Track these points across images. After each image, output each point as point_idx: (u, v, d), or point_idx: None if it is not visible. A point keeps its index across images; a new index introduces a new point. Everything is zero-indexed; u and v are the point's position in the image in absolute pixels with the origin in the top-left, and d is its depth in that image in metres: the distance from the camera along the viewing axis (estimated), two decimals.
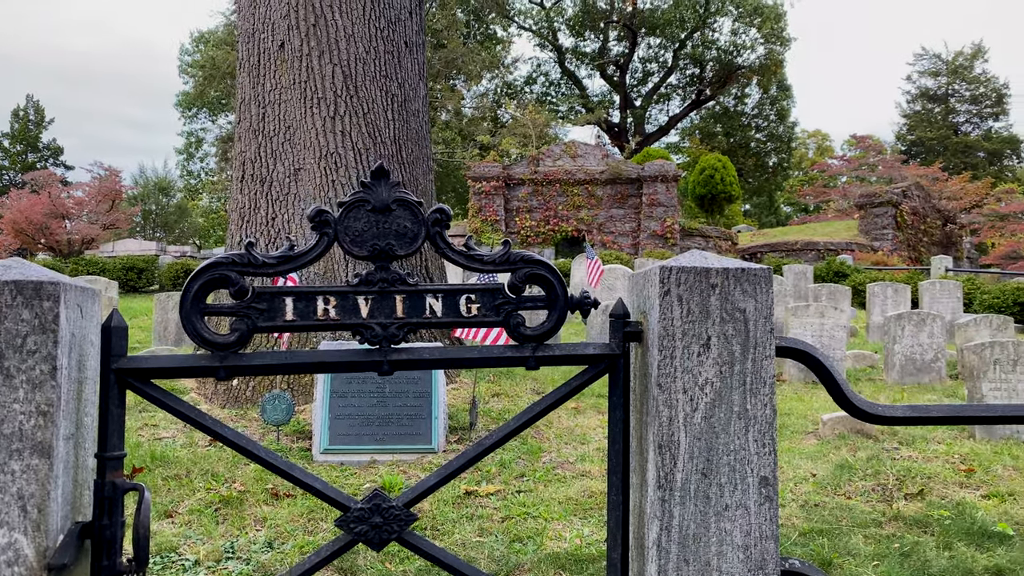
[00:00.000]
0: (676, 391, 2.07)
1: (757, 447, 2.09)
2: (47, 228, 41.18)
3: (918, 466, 4.81)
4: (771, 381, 2.10)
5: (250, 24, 6.79)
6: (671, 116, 55.69)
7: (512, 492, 4.28)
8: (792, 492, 4.44)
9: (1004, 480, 4.63)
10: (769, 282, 2.14)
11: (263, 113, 6.64)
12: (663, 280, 2.08)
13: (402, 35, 6.97)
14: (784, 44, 50.65)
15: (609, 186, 24.05)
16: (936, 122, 50.24)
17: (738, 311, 2.11)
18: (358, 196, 2.06)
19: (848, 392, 2.25)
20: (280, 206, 6.50)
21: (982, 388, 5.63)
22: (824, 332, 7.94)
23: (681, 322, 2.08)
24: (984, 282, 13.85)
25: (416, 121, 7.08)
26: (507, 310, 2.10)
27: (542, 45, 55.02)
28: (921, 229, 27.21)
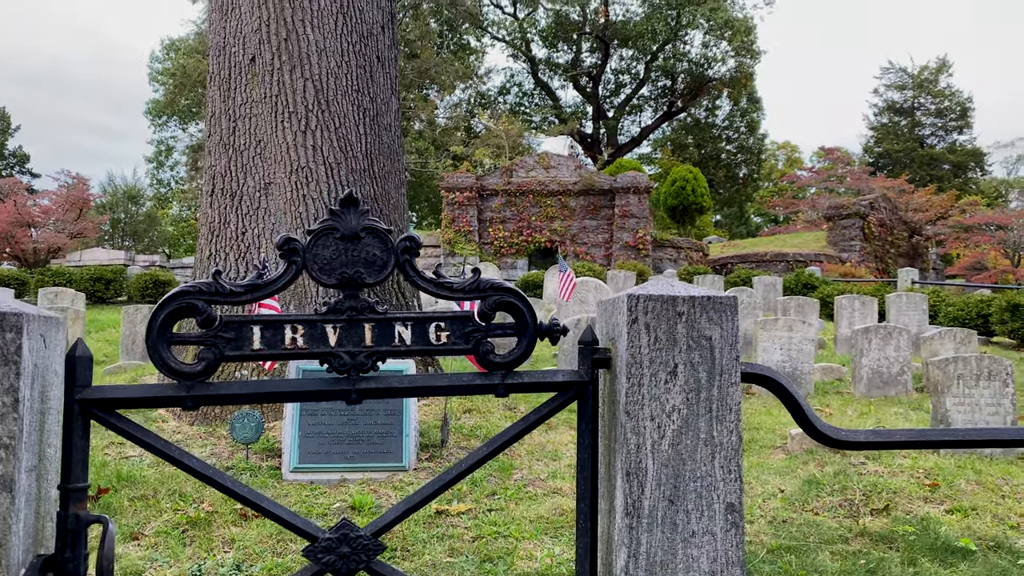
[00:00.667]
0: (644, 418, 2.09)
1: (723, 473, 2.12)
2: (12, 237, 40.52)
3: (884, 481, 4.87)
4: (737, 408, 2.14)
5: (221, 38, 6.75)
6: (643, 127, 56.10)
7: (483, 511, 4.28)
8: (761, 508, 4.48)
9: (967, 495, 4.71)
10: (734, 310, 2.17)
11: (234, 127, 6.60)
12: (631, 308, 2.11)
13: (374, 49, 6.97)
14: (754, 57, 51.15)
15: (582, 197, 24.17)
16: (903, 135, 51.11)
17: (704, 339, 2.13)
18: (327, 224, 2.06)
19: (812, 417, 2.29)
20: (250, 221, 6.46)
21: (946, 403, 5.72)
22: (793, 346, 8.03)
23: (648, 350, 2.10)
24: (949, 294, 14.10)
25: (388, 135, 7.08)
26: (476, 338, 2.12)
27: (515, 56, 55.18)
28: (888, 240, 27.62)
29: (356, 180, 6.60)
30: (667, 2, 49.91)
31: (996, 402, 5.75)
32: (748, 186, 57.93)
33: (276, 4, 6.50)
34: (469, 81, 45.79)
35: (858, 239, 25.98)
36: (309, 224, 6.37)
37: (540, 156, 24.72)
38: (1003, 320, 11.46)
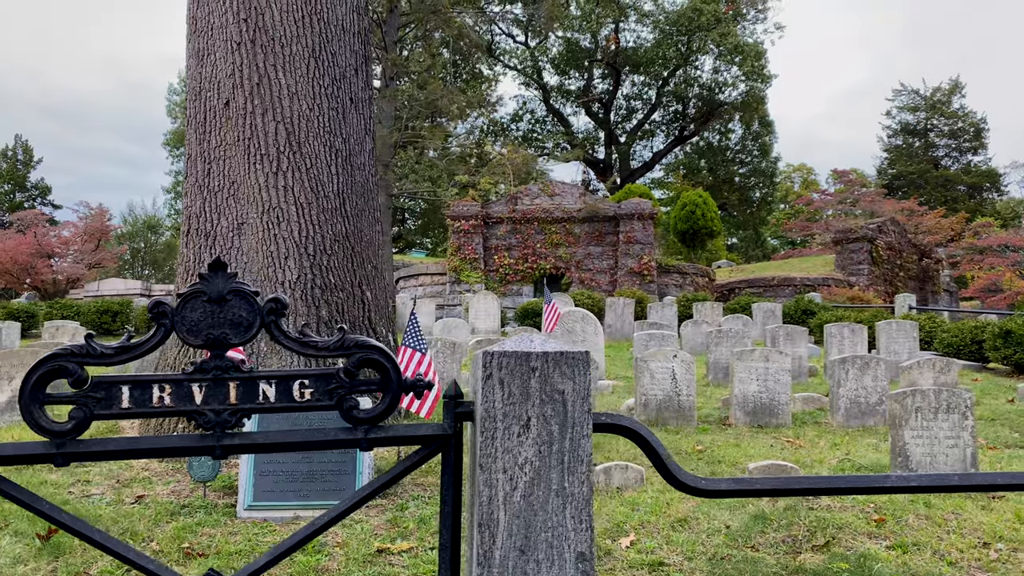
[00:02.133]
0: (496, 471, 2.18)
1: (574, 523, 2.20)
2: (33, 268, 41.28)
3: (831, 515, 4.90)
4: (588, 459, 2.23)
5: (197, 83, 6.97)
6: (655, 152, 56.37)
7: (426, 549, 4.36)
8: (703, 544, 4.52)
9: (913, 530, 4.73)
10: (587, 365, 2.27)
11: (208, 169, 6.80)
12: (485, 365, 2.21)
13: (347, 92, 7.16)
14: (765, 81, 51.34)
15: (587, 224, 24.29)
16: (916, 156, 50.92)
17: (557, 392, 2.23)
18: (195, 288, 2.19)
19: (671, 467, 2.37)
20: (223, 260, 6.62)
21: (904, 436, 5.74)
22: (769, 376, 8.06)
23: (502, 404, 2.20)
24: (944, 321, 14.03)
25: (362, 174, 7.25)
26: (340, 394, 2.22)
27: (527, 83, 55.74)
28: (897, 264, 27.47)
29: (327, 219, 6.76)
30: (677, 28, 50.28)
31: (955, 435, 5.76)
32: (762, 209, 57.86)
33: (249, 50, 6.71)
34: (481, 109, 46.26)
35: (866, 263, 25.87)
36: (281, 263, 6.53)
37: (545, 184, 24.92)
38: (996, 347, 11.40)
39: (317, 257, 6.64)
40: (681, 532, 4.71)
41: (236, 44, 6.73)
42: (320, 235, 6.69)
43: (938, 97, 50.52)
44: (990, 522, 4.86)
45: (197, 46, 7.00)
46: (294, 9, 6.84)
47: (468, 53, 48.07)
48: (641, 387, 7.96)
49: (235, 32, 6.74)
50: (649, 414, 7.90)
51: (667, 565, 4.24)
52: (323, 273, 6.64)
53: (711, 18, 48.90)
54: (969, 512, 5.05)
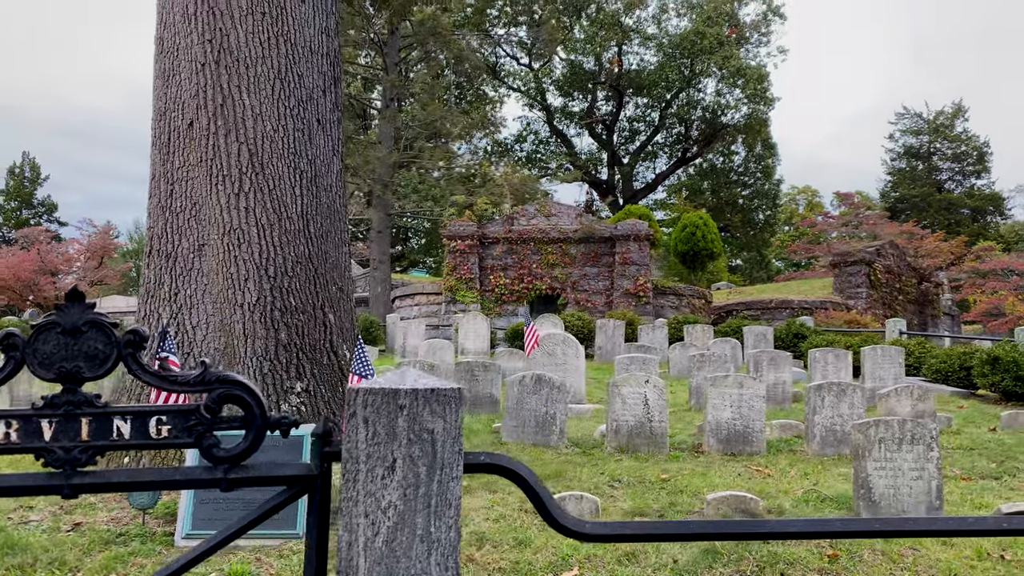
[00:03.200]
0: (357, 515, 2.09)
1: (439, 571, 2.11)
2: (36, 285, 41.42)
3: (784, 550, 4.77)
4: (457, 503, 2.13)
5: (162, 103, 6.94)
6: (658, 173, 56.40)
7: None
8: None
9: (867, 566, 4.60)
10: (459, 402, 2.17)
11: (171, 190, 6.75)
12: (349, 403, 2.12)
13: (314, 113, 7.12)
14: (768, 104, 51.36)
15: (583, 245, 24.23)
16: (919, 180, 50.81)
17: (426, 432, 2.13)
18: (49, 319, 2.10)
19: (551, 509, 2.27)
20: (183, 281, 6.57)
21: (867, 467, 5.61)
22: (743, 402, 7.93)
23: (366, 444, 2.11)
24: (934, 346, 13.86)
25: (328, 196, 7.19)
26: (199, 431, 2.13)
27: (531, 105, 55.93)
28: (896, 287, 27.30)
29: (290, 241, 6.70)
30: (680, 51, 50.46)
31: (920, 466, 5.63)
32: (765, 231, 57.72)
33: (213, 71, 6.68)
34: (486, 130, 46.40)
35: (864, 286, 25.71)
36: (241, 285, 6.47)
37: (541, 204, 24.91)
38: (984, 373, 11.23)
39: (278, 279, 6.57)
40: (627, 566, 4.59)
41: (201, 65, 6.71)
42: (282, 257, 6.63)
43: (941, 121, 50.48)
44: (948, 559, 4.72)
45: (163, 66, 6.97)
46: (260, 31, 6.82)
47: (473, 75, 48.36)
48: (613, 413, 7.85)
49: (200, 53, 6.71)
50: (620, 440, 7.77)
51: None
52: (283, 295, 6.57)
53: (713, 41, 49.06)
54: (928, 548, 4.91)
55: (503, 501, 5.79)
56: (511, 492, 6.01)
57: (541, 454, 7.28)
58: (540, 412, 7.80)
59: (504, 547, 4.82)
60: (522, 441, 7.70)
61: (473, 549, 4.77)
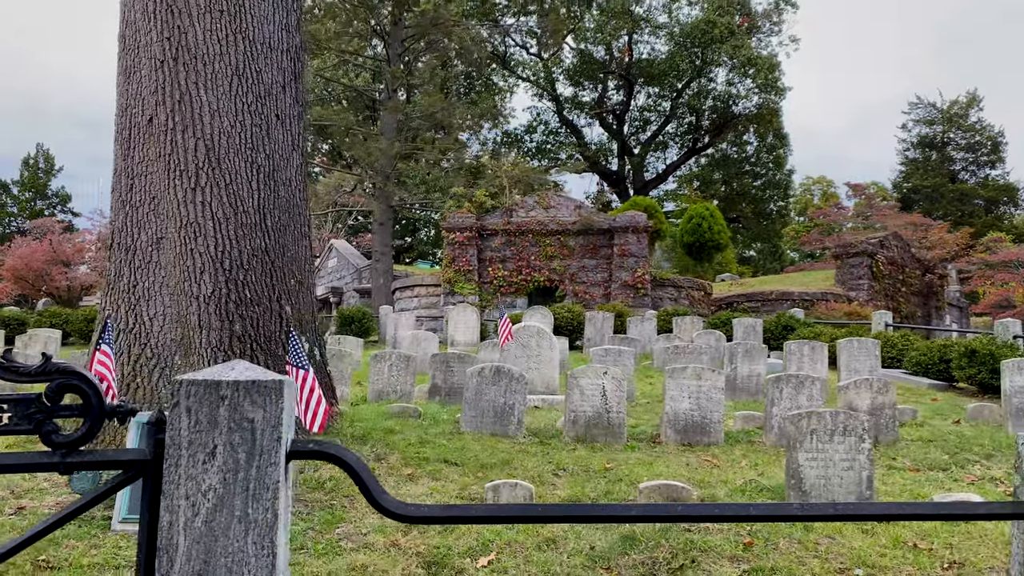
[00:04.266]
0: (179, 497, 2.22)
1: (256, 550, 2.24)
2: (48, 275, 41.94)
3: (701, 538, 4.88)
4: (275, 487, 2.27)
5: (124, 99, 7.10)
6: (669, 164, 56.18)
7: None
8: (561, 565, 4.52)
9: (779, 554, 4.70)
10: (280, 393, 2.30)
11: (131, 184, 6.92)
12: (173, 393, 2.25)
13: (272, 108, 7.26)
14: (779, 94, 51.01)
15: (581, 236, 24.28)
16: (932, 170, 50.32)
17: (247, 421, 2.27)
18: None
19: (376, 494, 2.39)
20: (142, 274, 6.74)
21: (798, 458, 5.70)
22: (701, 394, 8.03)
23: (188, 432, 2.24)
24: (917, 339, 13.83)
25: (287, 190, 7.34)
26: (39, 419, 2.27)
27: (540, 95, 55.86)
28: (899, 279, 27.15)
29: (246, 234, 6.85)
30: (691, 40, 50.18)
31: (851, 457, 5.71)
32: (776, 222, 57.43)
33: (171, 68, 6.83)
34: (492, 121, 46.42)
35: (866, 278, 25.61)
36: (197, 278, 6.63)
37: (540, 196, 24.95)
38: (961, 366, 11.23)
39: (233, 272, 6.73)
40: (545, 552, 4.72)
41: (160, 62, 6.86)
42: (237, 250, 6.78)
43: (955, 110, 49.95)
44: (862, 548, 4.81)
45: (125, 63, 7.13)
46: (218, 28, 6.96)
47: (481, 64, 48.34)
48: (571, 404, 7.96)
49: (159, 50, 6.86)
50: (578, 431, 7.89)
51: None
52: (238, 288, 6.73)
53: (724, 30, 48.73)
54: (847, 536, 5.01)
55: (442, 488, 5.93)
56: (453, 480, 6.15)
57: (496, 443, 7.41)
58: (499, 403, 7.93)
59: (430, 532, 4.96)
60: (480, 431, 7.84)
61: (400, 535, 4.91)
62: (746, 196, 56.57)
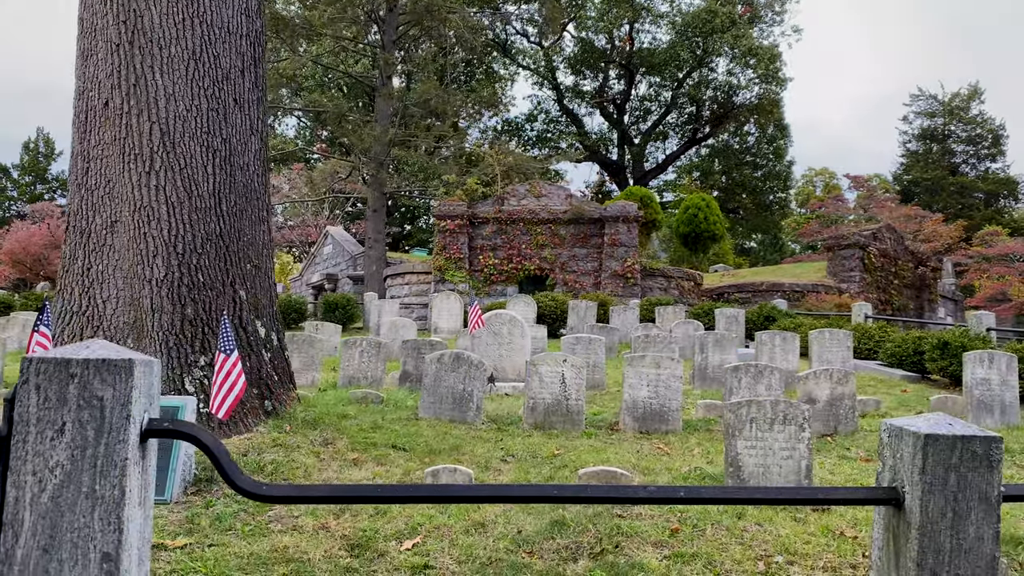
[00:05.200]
0: (25, 473, 2.25)
1: (102, 525, 2.26)
2: (46, 259, 42.02)
3: (629, 524, 4.91)
4: (123, 463, 2.29)
5: (81, 82, 7.11)
6: (668, 154, 56.05)
7: (204, 546, 4.44)
8: (484, 549, 4.55)
9: (704, 540, 4.72)
10: (129, 373, 2.32)
11: (87, 167, 6.94)
12: (23, 371, 2.28)
13: (231, 93, 7.27)
14: (780, 84, 50.83)
15: (572, 226, 24.28)
16: (933, 163, 50.11)
17: (96, 399, 2.29)
18: None
19: (231, 473, 2.43)
20: (96, 257, 6.77)
21: (737, 446, 5.72)
22: (660, 382, 8.05)
23: (37, 409, 2.27)
24: (894, 330, 13.82)
25: (244, 174, 7.35)
26: None
27: (541, 84, 55.74)
28: (892, 271, 27.10)
29: (200, 218, 6.87)
30: (692, 29, 49.96)
31: (791, 446, 5.73)
32: (776, 213, 57.33)
33: (127, 51, 6.84)
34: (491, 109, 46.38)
35: (857, 270, 25.57)
36: (150, 261, 6.66)
37: (531, 185, 24.92)
38: (934, 358, 11.23)
39: (186, 256, 6.76)
40: (472, 536, 4.75)
41: (115, 45, 6.87)
42: (191, 234, 6.81)
43: (956, 103, 49.69)
44: (788, 535, 4.84)
45: (83, 46, 7.14)
46: (174, 12, 6.96)
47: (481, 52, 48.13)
48: (530, 391, 7.99)
49: (115, 34, 6.87)
50: (536, 418, 7.93)
51: (433, 568, 4.29)
52: (191, 272, 6.76)
53: (726, 20, 48.53)
54: (776, 524, 5.03)
55: (386, 473, 5.97)
56: (398, 466, 6.19)
57: (452, 429, 7.45)
58: (458, 389, 7.96)
59: (362, 516, 5.00)
60: (439, 417, 7.88)
61: (331, 518, 4.95)
62: (746, 187, 56.47)
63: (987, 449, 2.46)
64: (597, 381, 10.53)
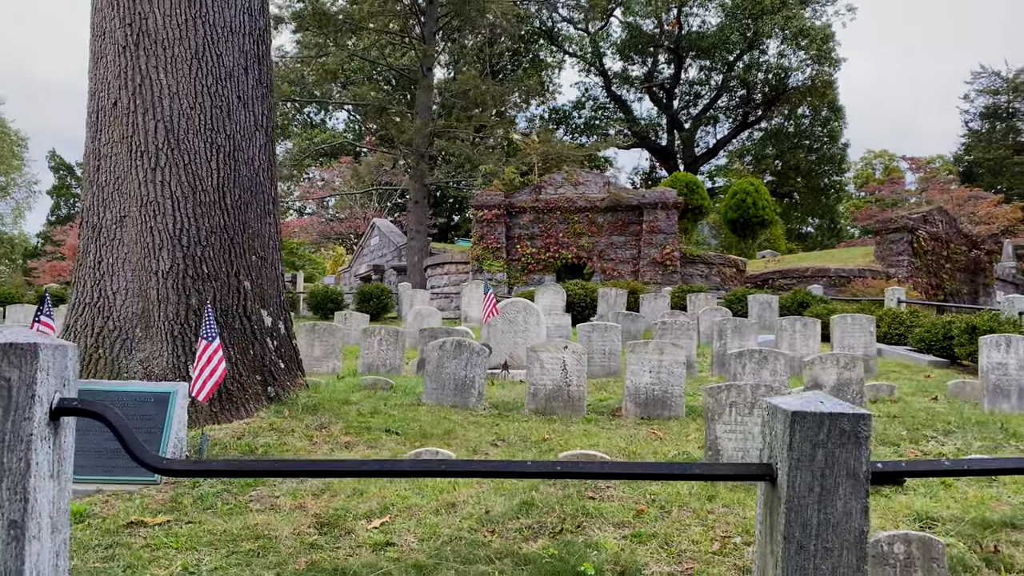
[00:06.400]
0: None
1: (9, 495, 2.46)
2: None
3: (598, 505, 4.99)
4: (28, 439, 2.49)
5: (93, 84, 7.44)
6: (719, 139, 55.27)
7: (183, 523, 4.68)
8: (448, 527, 4.69)
9: (668, 521, 4.78)
10: (35, 356, 2.52)
11: (98, 165, 7.27)
12: None
13: (234, 90, 7.51)
14: (833, 65, 49.67)
15: (610, 213, 24.22)
16: (996, 142, 48.38)
17: (3, 379, 2.48)
18: None
19: (136, 450, 2.61)
20: (106, 251, 7.09)
21: (716, 430, 5.74)
22: (663, 368, 8.07)
23: None
24: (926, 315, 13.47)
25: (249, 168, 7.60)
26: None
27: (588, 70, 55.47)
28: (944, 255, 26.36)
29: (204, 212, 7.14)
30: (742, 11, 49.14)
31: None
32: (830, 197, 56.10)
33: (133, 53, 7.13)
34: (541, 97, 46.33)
35: (906, 254, 24.93)
36: (156, 254, 6.96)
37: (568, 173, 24.91)
38: (962, 343, 10.97)
39: (191, 248, 7.03)
40: (441, 516, 4.90)
41: (122, 47, 7.17)
42: (195, 227, 7.08)
43: (1021, 79, 47.80)
44: (753, 517, 4.86)
45: (94, 49, 7.46)
46: (177, 13, 7.23)
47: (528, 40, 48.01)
48: (532, 377, 8.10)
49: (121, 36, 7.17)
50: (538, 403, 8.03)
51: (395, 545, 4.44)
52: (196, 263, 7.03)
53: (776, 0, 47.57)
54: (745, 505, 5.05)
55: (374, 456, 6.16)
56: (388, 449, 6.37)
57: (450, 414, 7.61)
58: (460, 375, 8.11)
59: (340, 496, 5.19)
60: (441, 403, 8.04)
61: (310, 498, 5.15)
62: (800, 170, 55.30)
63: (855, 426, 2.49)
64: (613, 368, 10.57)
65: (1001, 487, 5.69)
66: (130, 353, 6.83)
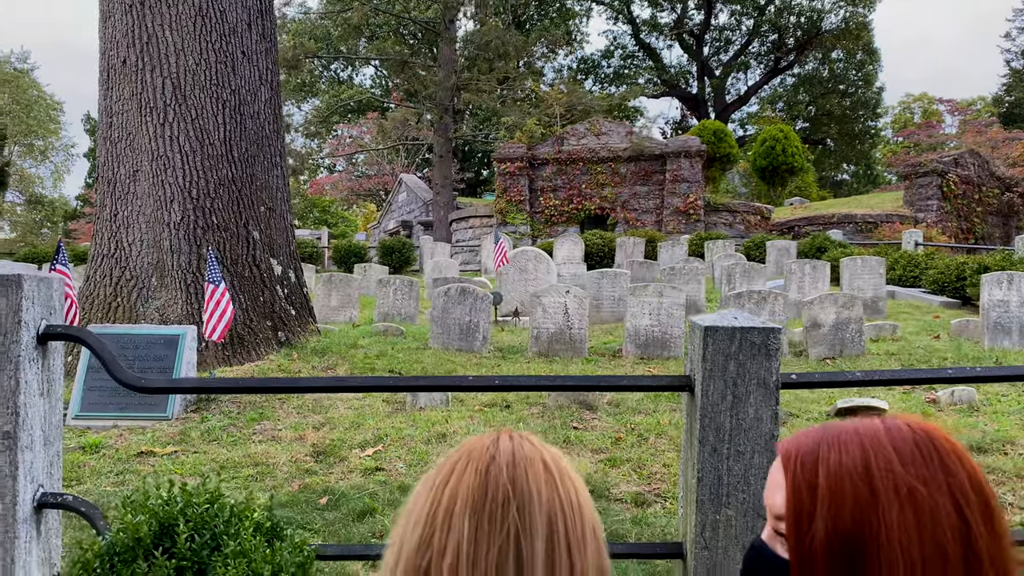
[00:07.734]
0: None
1: (2, 410, 2.76)
2: None
3: (580, 434, 5.25)
4: (17, 359, 2.78)
5: (103, 43, 7.70)
6: (750, 85, 54.28)
7: (190, 453, 5.03)
8: (438, 454, 4.98)
9: (643, 448, 5.02)
10: (19, 286, 2.80)
11: (111, 122, 7.56)
12: None
13: (238, 46, 7.73)
14: (868, 6, 48.34)
15: (632, 163, 24.14)
16: None
17: None
18: None
19: (115, 370, 2.88)
20: (121, 204, 7.42)
21: None
22: (662, 310, 8.25)
23: None
24: (942, 257, 13.38)
25: (255, 122, 7.84)
26: None
27: (616, 18, 54.60)
28: (975, 199, 25.90)
29: (212, 165, 7.42)
30: None
31: None
32: (864, 143, 55.02)
33: (139, 11, 7.37)
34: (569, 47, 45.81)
35: (936, 198, 24.58)
36: (167, 206, 7.27)
37: (591, 123, 24.81)
38: (974, 283, 10.95)
39: (200, 200, 7.33)
40: (431, 445, 5.19)
41: (128, 6, 7.40)
42: (204, 180, 7.37)
43: None
44: None
45: (103, 8, 7.70)
46: None
47: None
48: (534, 321, 8.33)
49: None
50: (541, 346, 8.28)
51: (383, 470, 4.75)
52: (205, 215, 7.34)
53: None
54: None
55: (375, 396, 6.46)
56: None
57: (455, 357, 7.89)
58: (464, 321, 8.37)
59: (339, 429, 5.50)
60: (446, 347, 8.32)
61: (311, 430, 5.47)
62: (833, 116, 54.19)
63: (765, 339, 2.68)
64: (622, 314, 10.74)
65: (980, 416, 5.84)
66: (147, 301, 7.18)
